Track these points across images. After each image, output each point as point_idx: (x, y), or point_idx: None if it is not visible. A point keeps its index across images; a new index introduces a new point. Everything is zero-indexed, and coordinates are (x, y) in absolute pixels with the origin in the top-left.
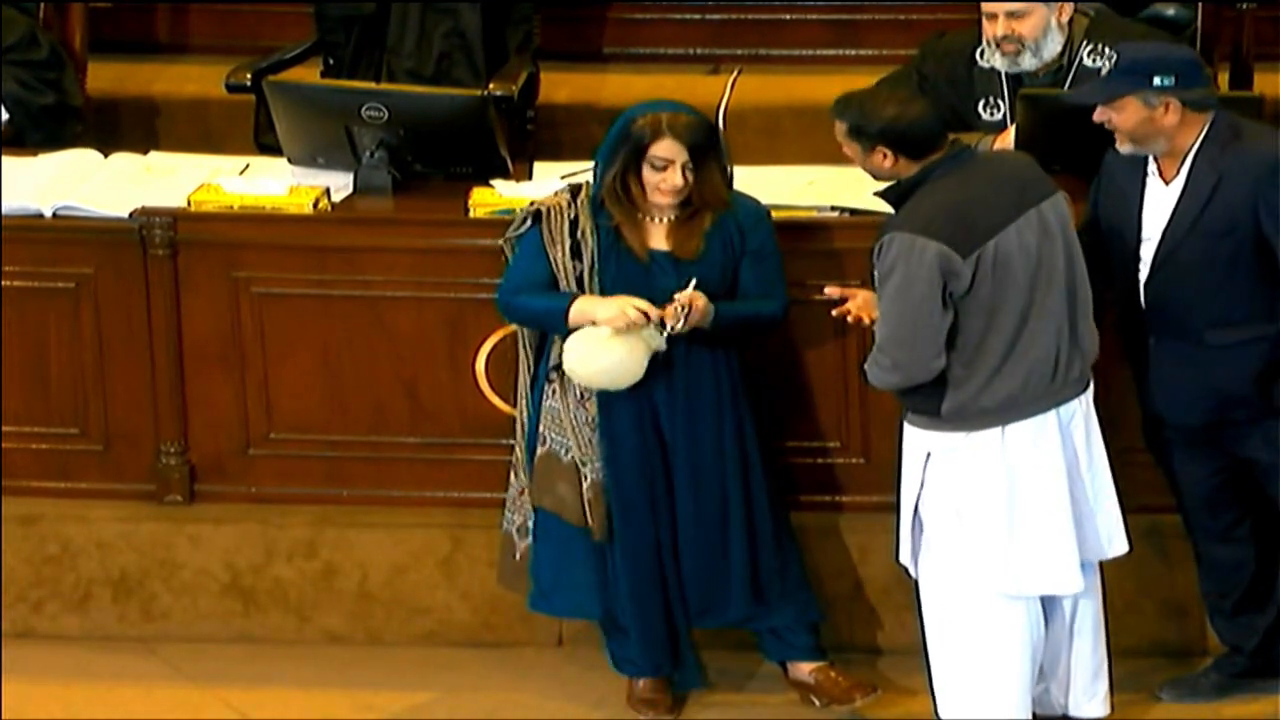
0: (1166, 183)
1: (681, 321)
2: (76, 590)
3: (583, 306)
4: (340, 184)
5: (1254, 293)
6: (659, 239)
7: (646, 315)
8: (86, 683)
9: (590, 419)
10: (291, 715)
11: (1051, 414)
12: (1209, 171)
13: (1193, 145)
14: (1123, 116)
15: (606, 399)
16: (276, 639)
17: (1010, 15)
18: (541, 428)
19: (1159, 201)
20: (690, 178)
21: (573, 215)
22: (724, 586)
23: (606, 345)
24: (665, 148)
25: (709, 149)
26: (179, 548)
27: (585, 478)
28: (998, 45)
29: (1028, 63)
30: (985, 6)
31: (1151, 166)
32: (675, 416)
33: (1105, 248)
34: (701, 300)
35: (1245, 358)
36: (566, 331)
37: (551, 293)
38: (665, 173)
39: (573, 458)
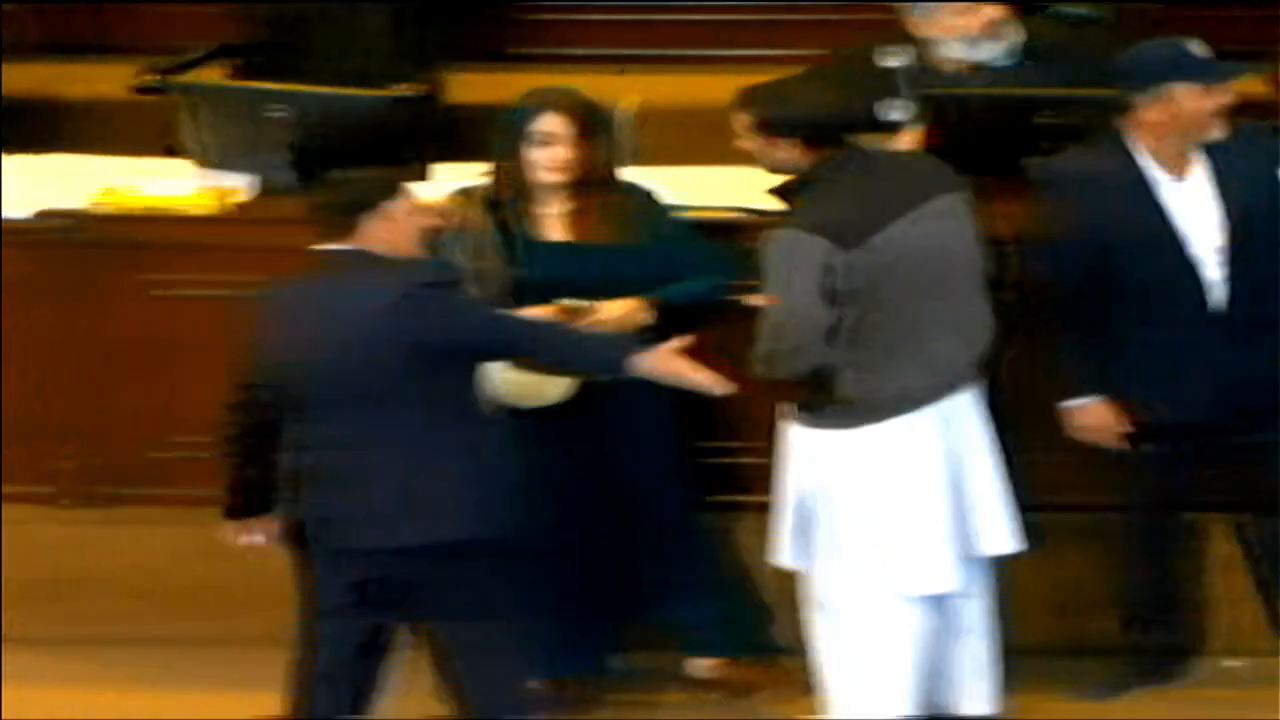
0: (1181, 177)
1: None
2: None
3: None
4: (247, 184)
5: None
6: (559, 229)
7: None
8: None
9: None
10: (208, 717)
11: (938, 409)
12: (1227, 155)
13: None
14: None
15: None
16: (189, 640)
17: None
18: None
19: (1186, 198)
20: (576, 153)
21: (471, 216)
22: (655, 573)
23: None
24: (548, 122)
25: (595, 125)
26: (88, 549)
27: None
28: (983, 34)
29: (1014, 43)
30: (956, 7)
31: (1153, 168)
32: (606, 416)
33: (1130, 263)
34: (617, 310)
35: None
36: None
37: None
38: (550, 148)
39: None
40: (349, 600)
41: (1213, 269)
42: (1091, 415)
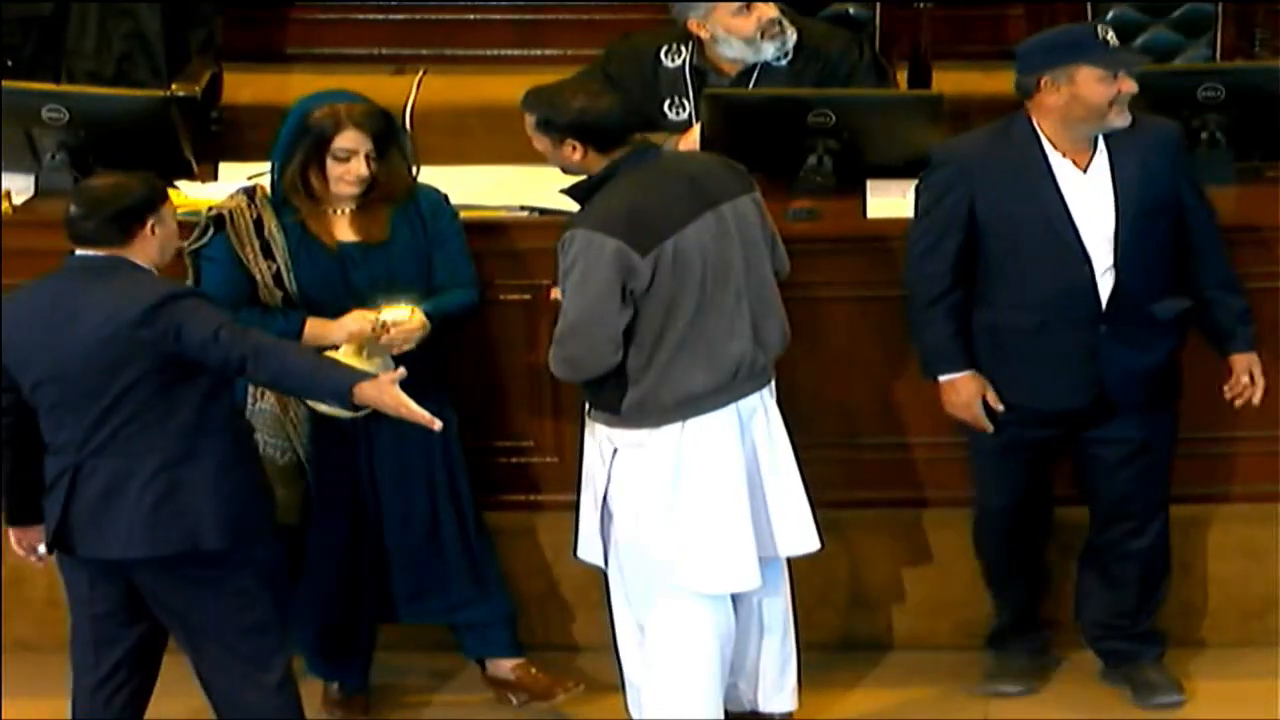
0: (1083, 167)
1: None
2: None
3: (315, 330)
4: (21, 187)
5: (1176, 265)
6: (344, 230)
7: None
8: None
9: (308, 415)
10: None
11: (732, 409)
12: (1129, 151)
13: None
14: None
15: None
16: None
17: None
18: None
19: (1084, 188)
20: (373, 167)
21: (255, 216)
22: (440, 571)
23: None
24: (348, 138)
25: (390, 137)
26: None
27: (310, 476)
28: (762, 33)
29: (790, 41)
30: (731, 7)
31: (1054, 155)
32: (382, 414)
33: (1018, 247)
34: (419, 319)
35: (1179, 331)
36: None
37: (275, 314)
38: (349, 164)
39: (291, 459)
40: (108, 607)
41: (1102, 262)
42: (960, 390)
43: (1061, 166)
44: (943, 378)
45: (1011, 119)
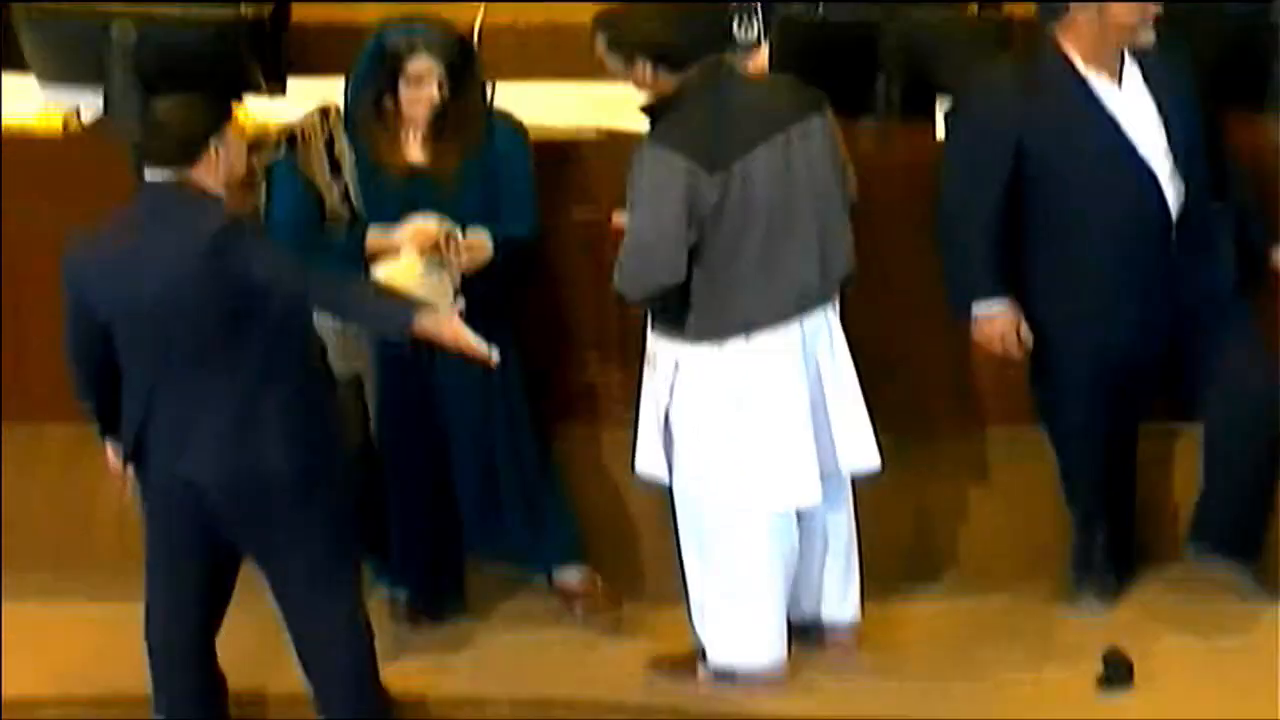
0: (1119, 84)
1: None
2: None
3: (378, 239)
4: (90, 104)
5: (1212, 175)
6: (415, 151)
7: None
8: None
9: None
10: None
11: (795, 326)
12: (1156, 66)
13: None
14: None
15: None
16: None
17: None
18: None
19: (1126, 103)
20: (446, 92)
21: (327, 136)
22: (495, 497)
23: (414, 283)
24: (421, 64)
25: (464, 66)
26: None
27: (370, 396)
28: None
29: None
30: None
31: (1090, 75)
32: None
33: (1075, 172)
34: (484, 242)
35: (1230, 237)
36: (360, 264)
37: (339, 230)
38: (421, 88)
39: (351, 377)
40: (181, 530)
41: (1161, 172)
42: (997, 323)
43: (1099, 84)
44: (982, 309)
45: (1035, 46)
